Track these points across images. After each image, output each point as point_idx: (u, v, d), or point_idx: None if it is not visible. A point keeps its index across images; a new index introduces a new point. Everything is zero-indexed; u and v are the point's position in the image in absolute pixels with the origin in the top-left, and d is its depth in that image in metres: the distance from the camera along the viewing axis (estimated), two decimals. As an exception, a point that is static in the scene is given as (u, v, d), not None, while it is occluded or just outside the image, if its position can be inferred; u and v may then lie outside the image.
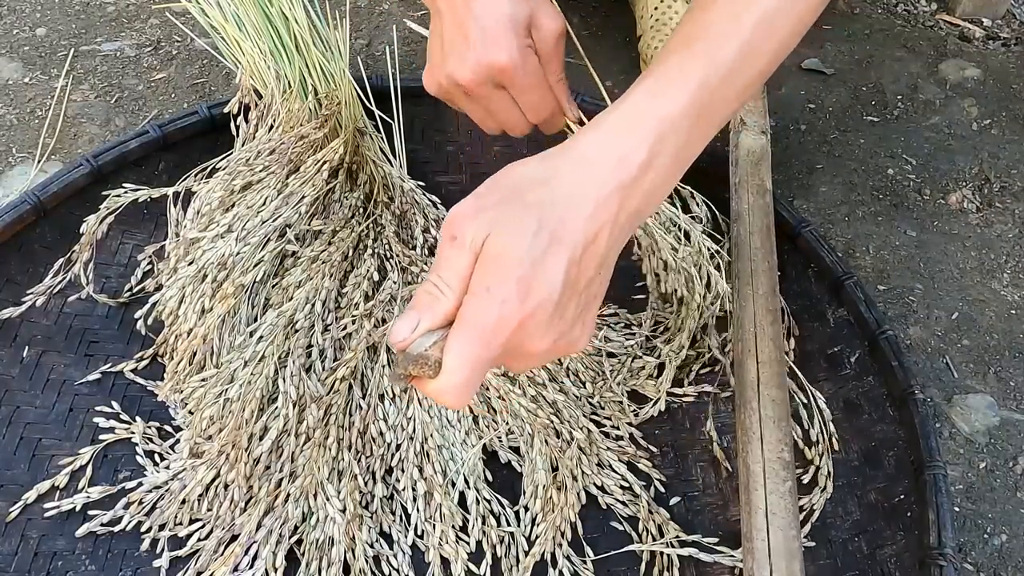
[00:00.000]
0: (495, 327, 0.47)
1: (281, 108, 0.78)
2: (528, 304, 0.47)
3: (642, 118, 0.51)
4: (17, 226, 0.75)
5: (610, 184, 0.49)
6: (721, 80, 0.52)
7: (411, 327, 0.48)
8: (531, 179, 0.50)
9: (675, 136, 0.51)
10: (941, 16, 1.20)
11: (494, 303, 0.46)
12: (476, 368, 0.47)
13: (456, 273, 0.48)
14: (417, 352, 0.47)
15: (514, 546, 0.67)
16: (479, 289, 0.47)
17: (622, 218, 0.50)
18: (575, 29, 1.15)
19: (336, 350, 0.72)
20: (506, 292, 0.46)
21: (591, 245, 0.49)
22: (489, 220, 0.48)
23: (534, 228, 0.47)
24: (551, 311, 0.48)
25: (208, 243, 0.72)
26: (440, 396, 0.48)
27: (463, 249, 0.48)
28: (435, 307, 0.48)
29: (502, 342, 0.47)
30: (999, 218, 0.97)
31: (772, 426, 0.64)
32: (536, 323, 0.47)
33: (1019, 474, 0.78)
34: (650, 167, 0.50)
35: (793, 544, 0.59)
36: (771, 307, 0.70)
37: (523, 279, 0.46)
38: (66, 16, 1.11)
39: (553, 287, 0.47)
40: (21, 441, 0.70)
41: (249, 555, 0.64)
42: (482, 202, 0.49)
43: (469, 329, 0.47)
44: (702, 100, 0.51)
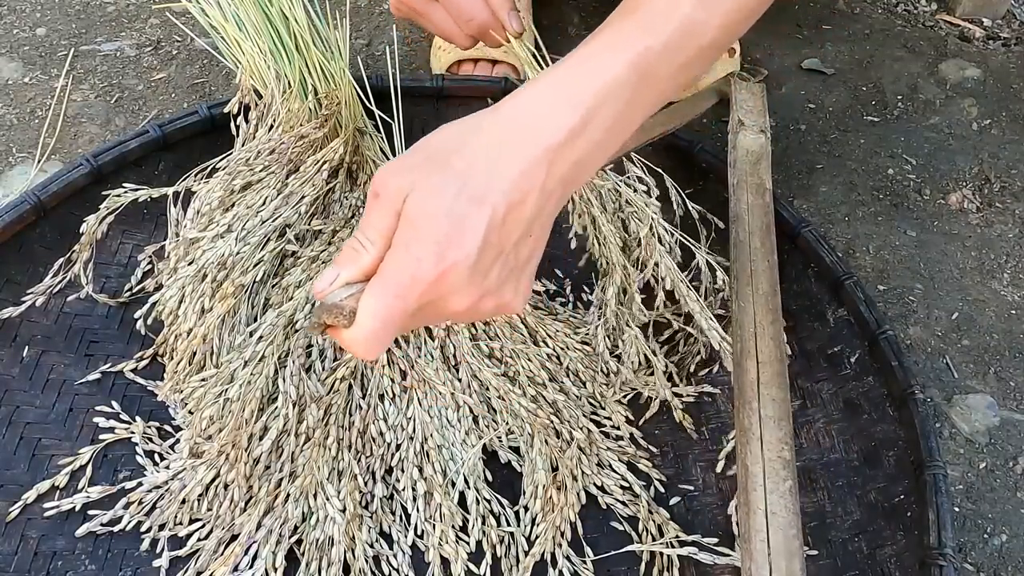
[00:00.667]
0: (410, 283, 0.47)
1: (281, 108, 0.78)
2: (444, 262, 0.47)
3: (576, 82, 0.50)
4: (17, 226, 0.75)
5: (538, 147, 0.49)
6: (661, 52, 0.51)
7: (331, 279, 0.49)
8: (458, 139, 0.50)
9: (611, 104, 0.50)
10: (941, 16, 1.20)
11: (410, 259, 0.47)
12: (388, 321, 0.48)
13: (378, 230, 0.48)
14: (332, 301, 0.48)
15: (514, 546, 0.67)
16: (399, 245, 0.48)
17: (551, 183, 0.50)
18: (575, 29, 1.15)
19: (336, 350, 0.72)
20: (423, 250, 0.47)
21: (515, 208, 0.48)
22: (412, 179, 0.48)
23: (455, 188, 0.47)
24: (469, 270, 0.48)
25: (208, 243, 0.72)
26: (351, 345, 0.49)
27: (385, 206, 0.48)
28: (356, 261, 0.49)
29: (416, 297, 0.48)
30: (999, 218, 0.97)
31: (772, 426, 0.63)
32: (452, 280, 0.48)
33: (1019, 474, 0.78)
34: (582, 133, 0.50)
35: (793, 544, 0.59)
36: (771, 307, 0.70)
37: (441, 238, 0.47)
38: (66, 16, 1.11)
39: (471, 247, 0.47)
40: (21, 441, 0.70)
41: (249, 555, 0.64)
42: (407, 161, 0.49)
43: (384, 283, 0.48)
44: (641, 70, 0.51)
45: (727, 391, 0.77)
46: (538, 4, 1.11)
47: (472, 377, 0.72)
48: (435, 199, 0.47)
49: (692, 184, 0.84)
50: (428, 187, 0.47)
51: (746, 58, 1.05)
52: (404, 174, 0.48)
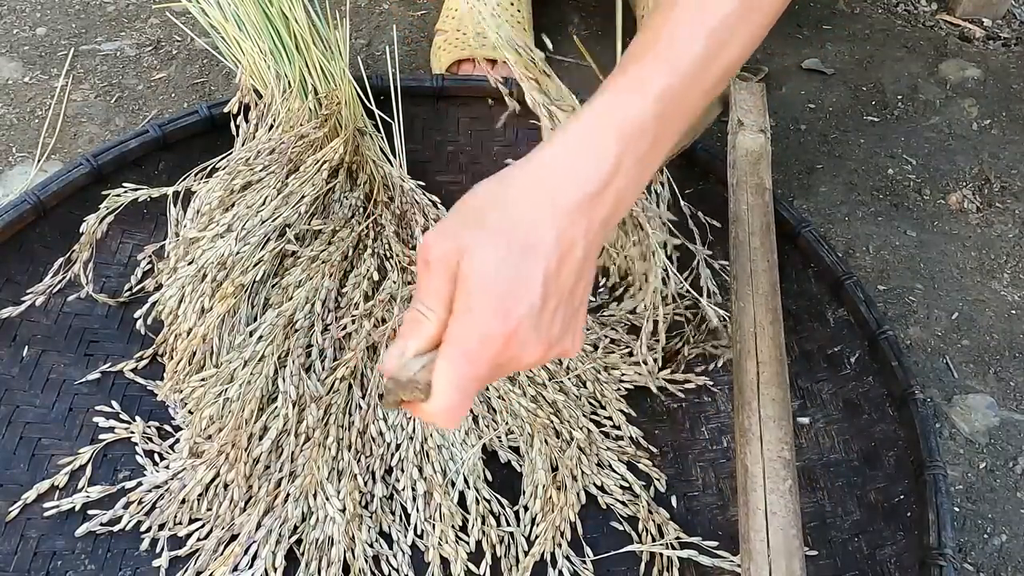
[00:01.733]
0: (480, 347, 0.47)
1: (281, 108, 0.78)
2: (510, 321, 0.47)
3: (606, 126, 0.51)
4: (17, 225, 0.75)
5: (577, 195, 0.49)
6: (682, 85, 0.51)
7: (399, 353, 0.49)
8: (496, 197, 0.50)
9: (640, 142, 0.51)
10: (941, 16, 1.20)
11: (476, 323, 0.47)
12: (465, 388, 0.48)
13: (436, 297, 0.48)
14: (406, 377, 0.48)
15: (514, 546, 0.67)
16: (461, 311, 0.48)
17: (594, 226, 0.50)
18: (575, 29, 1.15)
19: (336, 350, 0.72)
20: (486, 311, 0.47)
21: (566, 256, 0.49)
22: (460, 243, 0.48)
23: (504, 245, 0.48)
24: (534, 324, 0.48)
25: (208, 243, 0.72)
26: (433, 418, 0.49)
27: (439, 273, 0.48)
28: (419, 331, 0.49)
29: (488, 360, 0.48)
30: (999, 218, 0.97)
31: (772, 426, 0.63)
32: (521, 338, 0.48)
33: (1019, 474, 0.78)
34: (616, 174, 0.50)
35: (793, 544, 0.59)
36: (771, 307, 0.70)
37: (501, 296, 0.47)
38: (66, 16, 1.11)
39: (532, 301, 0.48)
40: (21, 440, 0.70)
41: (249, 555, 0.64)
42: (451, 225, 0.49)
43: (455, 351, 0.48)
44: (664, 105, 0.51)
45: (727, 391, 0.77)
46: (538, 4, 1.11)
47: (472, 377, 0.72)
48: (488, 258, 0.47)
49: (692, 184, 0.84)
50: (478, 248, 0.47)
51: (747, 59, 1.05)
52: (450, 238, 0.48)
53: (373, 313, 0.73)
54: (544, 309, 0.48)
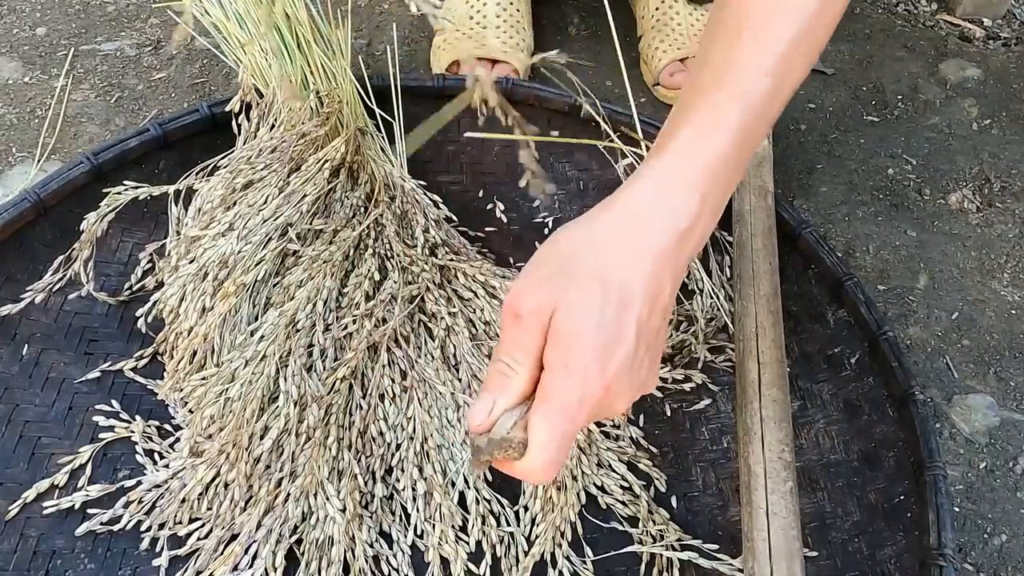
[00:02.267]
0: (579, 403, 0.47)
1: (282, 107, 0.78)
2: (608, 374, 0.47)
3: (688, 167, 0.50)
4: (17, 224, 0.75)
5: (667, 238, 0.49)
6: (757, 116, 0.52)
7: (487, 410, 0.49)
8: (583, 245, 0.50)
9: (721, 178, 0.51)
10: (941, 16, 1.20)
11: (575, 379, 0.47)
12: (563, 443, 0.48)
13: (525, 351, 0.48)
14: (500, 436, 0.48)
15: (514, 546, 0.67)
16: (557, 367, 0.47)
17: (680, 267, 0.51)
18: (575, 29, 1.15)
19: (337, 350, 0.72)
20: (585, 367, 0.47)
21: (657, 300, 0.49)
22: (551, 294, 0.47)
23: (600, 297, 0.47)
24: (629, 373, 0.48)
25: (209, 241, 0.72)
26: (530, 475, 0.49)
27: (529, 327, 0.48)
28: (508, 387, 0.49)
29: (586, 414, 0.48)
30: (999, 218, 0.97)
31: (773, 427, 0.64)
32: (618, 388, 0.48)
33: (1019, 474, 0.78)
34: (703, 213, 0.50)
35: (794, 544, 0.59)
36: (772, 308, 0.70)
37: (599, 351, 0.47)
38: (66, 15, 1.11)
39: (627, 351, 0.48)
40: (20, 439, 0.70)
41: (249, 554, 0.64)
42: (540, 276, 0.49)
43: (554, 407, 0.47)
44: (742, 138, 0.51)
45: (727, 391, 0.77)
46: (538, 3, 1.11)
47: (472, 377, 0.72)
48: (583, 313, 0.47)
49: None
50: (572, 302, 0.47)
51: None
52: (540, 292, 0.48)
53: (374, 313, 0.73)
54: (636, 355, 0.48)
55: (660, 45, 1.03)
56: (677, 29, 1.03)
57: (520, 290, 0.49)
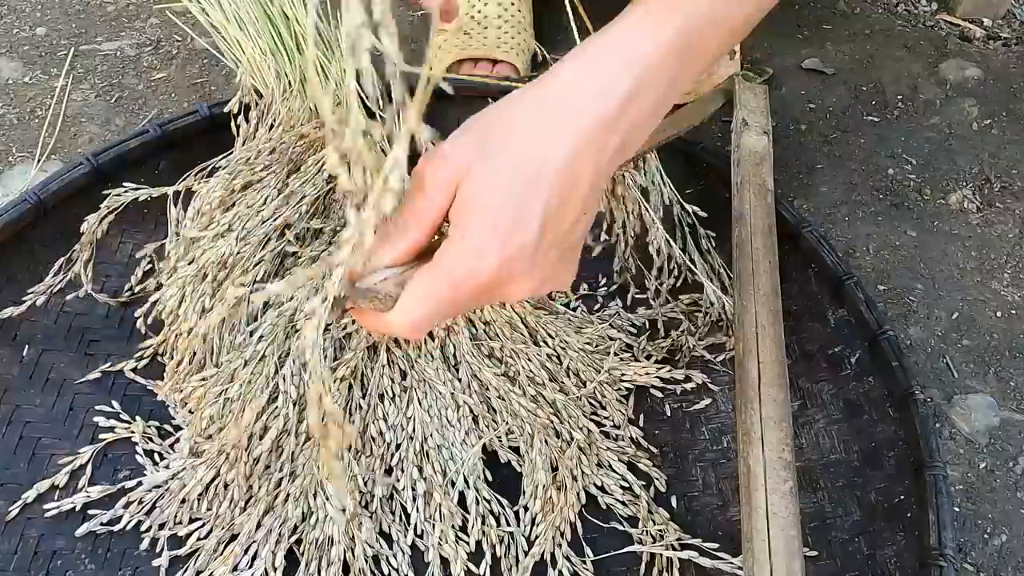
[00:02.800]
0: (467, 274, 0.45)
1: (282, 107, 0.78)
2: (505, 252, 0.45)
3: (626, 48, 0.48)
4: (17, 225, 0.75)
5: (590, 118, 0.47)
6: (706, 19, 0.50)
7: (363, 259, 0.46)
8: (504, 118, 0.48)
9: (660, 70, 0.48)
10: (941, 16, 1.20)
11: (470, 250, 0.45)
12: (437, 310, 0.46)
13: (426, 213, 0.46)
14: (368, 285, 0.47)
15: (514, 546, 0.67)
16: (454, 236, 0.46)
17: (605, 155, 0.48)
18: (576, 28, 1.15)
19: (336, 349, 0.72)
20: (482, 240, 0.45)
21: (573, 186, 0.46)
22: (464, 162, 0.46)
23: (508, 173, 0.45)
24: (531, 256, 0.46)
25: (208, 242, 0.72)
26: (389, 327, 0.47)
27: (434, 193, 0.46)
28: (398, 243, 0.47)
29: (471, 290, 0.46)
30: (999, 218, 0.97)
31: (773, 426, 0.63)
32: (513, 271, 0.46)
33: (1019, 474, 0.78)
34: (635, 99, 0.48)
35: (794, 544, 0.59)
36: (772, 307, 0.70)
37: (500, 226, 0.45)
38: (66, 15, 1.11)
39: (531, 232, 0.45)
40: (21, 440, 0.70)
41: (249, 554, 0.64)
42: (457, 144, 0.47)
43: (439, 272, 0.46)
44: (687, 36, 0.49)
45: (727, 391, 0.77)
46: (538, 3, 1.11)
47: (472, 377, 0.72)
48: (490, 184, 0.45)
49: (692, 184, 0.84)
50: (481, 172, 0.45)
51: (746, 58, 1.05)
52: (450, 160, 0.46)
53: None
54: (540, 243, 0.46)
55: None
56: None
57: (431, 156, 0.47)
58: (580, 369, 0.75)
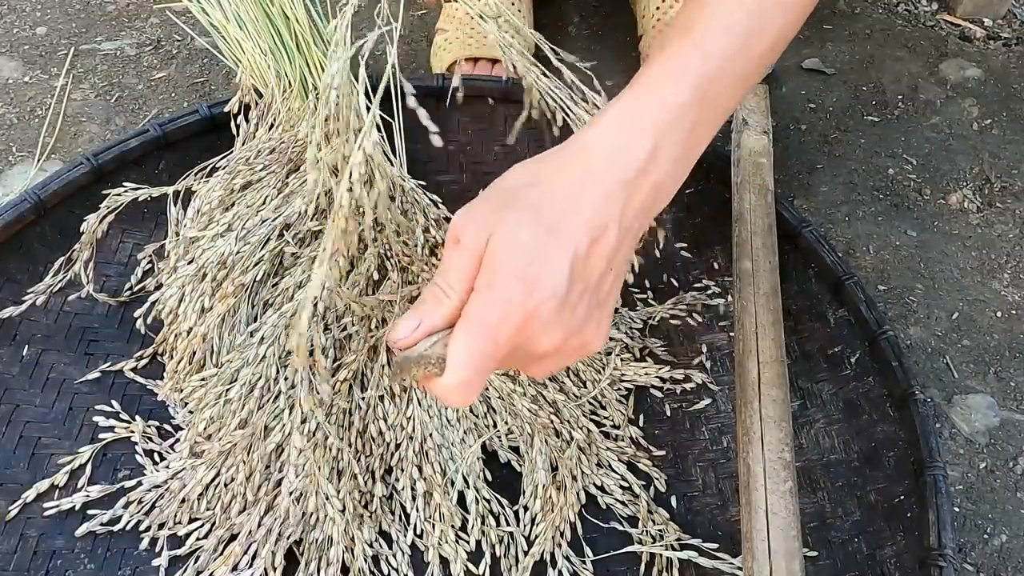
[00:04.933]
0: (499, 321, 0.46)
1: (281, 107, 0.78)
2: (532, 299, 0.46)
3: (644, 109, 0.50)
4: (17, 225, 0.75)
5: (614, 178, 0.48)
6: (721, 70, 0.51)
7: (412, 327, 0.48)
8: (530, 178, 0.49)
9: (679, 127, 0.50)
10: (942, 16, 1.20)
11: (497, 299, 0.46)
12: (481, 364, 0.47)
13: (460, 275, 0.48)
14: (418, 353, 0.47)
15: (513, 546, 0.67)
16: (482, 285, 0.47)
17: (629, 215, 0.49)
18: (575, 29, 1.15)
19: (336, 349, 0.72)
20: (509, 287, 0.46)
21: (597, 241, 0.48)
22: (490, 221, 0.47)
23: (533, 222, 0.47)
24: (557, 306, 0.47)
25: (208, 242, 0.72)
26: (446, 394, 0.48)
27: (466, 251, 0.47)
28: (438, 308, 0.48)
29: (507, 338, 0.47)
30: (1000, 218, 0.97)
31: (773, 426, 0.63)
32: (542, 319, 0.47)
33: (1019, 474, 0.78)
34: (655, 159, 0.49)
35: (793, 544, 0.59)
36: (772, 307, 0.70)
37: (526, 274, 0.46)
38: (66, 15, 1.11)
39: (557, 282, 0.46)
40: (20, 440, 0.70)
41: (248, 554, 0.64)
42: (483, 205, 0.49)
43: (472, 325, 0.46)
44: (702, 91, 0.51)
45: (727, 391, 0.77)
46: (538, 4, 1.11)
47: (472, 377, 0.72)
48: (515, 235, 0.47)
49: (692, 184, 0.84)
50: (507, 228, 0.47)
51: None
52: (481, 217, 0.48)
53: (373, 313, 0.73)
54: (569, 293, 0.47)
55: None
56: (677, 29, 1.03)
57: (464, 216, 0.49)
58: (580, 369, 0.75)
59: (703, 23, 0.52)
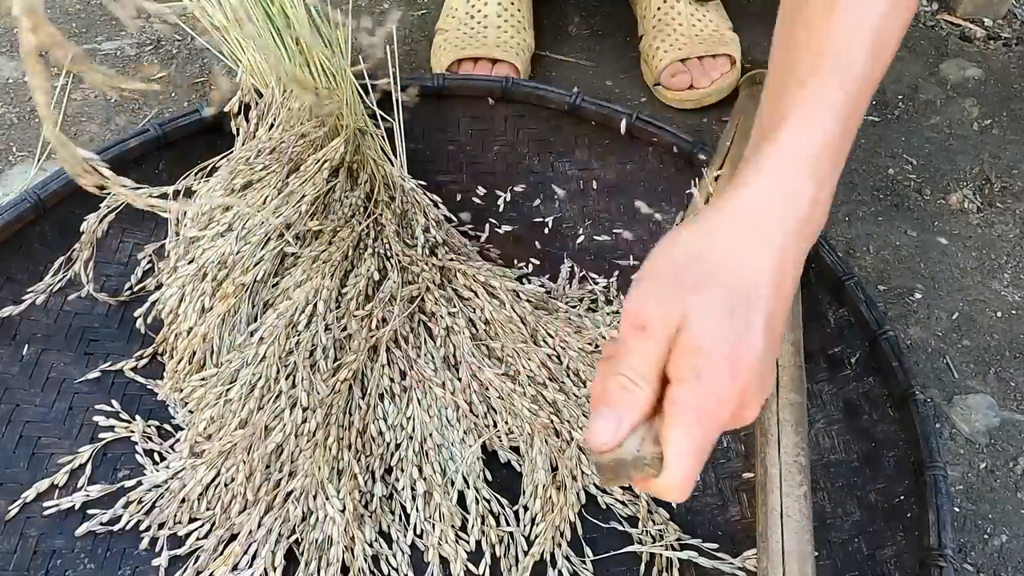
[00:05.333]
0: (715, 410, 0.45)
1: (281, 107, 0.78)
2: (740, 379, 0.45)
3: (801, 154, 0.49)
4: (17, 224, 0.75)
5: (787, 228, 0.48)
6: (859, 93, 0.51)
7: (612, 429, 0.46)
8: (701, 247, 0.48)
9: (832, 160, 0.50)
10: (942, 16, 1.20)
11: (708, 387, 0.45)
12: (700, 455, 0.46)
13: (649, 364, 0.46)
14: (634, 456, 0.45)
15: (513, 546, 0.67)
16: (688, 377, 0.45)
17: (800, 255, 0.49)
18: (575, 29, 1.15)
19: (336, 350, 0.72)
20: (718, 374, 0.45)
21: (780, 294, 0.48)
22: (675, 302, 0.46)
23: (727, 301, 0.46)
24: (760, 374, 0.47)
25: (208, 242, 0.72)
26: (668, 492, 0.47)
27: (655, 338, 0.46)
28: (632, 403, 0.46)
29: (724, 422, 0.46)
30: (1000, 218, 0.97)
31: (789, 430, 0.64)
32: (750, 392, 0.46)
33: (1019, 474, 0.78)
34: (819, 197, 0.49)
35: (806, 548, 0.59)
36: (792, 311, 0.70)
37: (730, 357, 0.45)
38: (67, 15, 1.11)
39: (757, 352, 0.46)
40: (20, 439, 0.70)
41: (248, 554, 0.64)
42: (660, 284, 0.47)
43: (689, 417, 0.45)
44: (847, 117, 0.50)
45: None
46: (538, 3, 1.11)
47: (472, 377, 0.72)
48: (712, 321, 0.45)
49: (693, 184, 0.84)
50: (699, 309, 0.45)
51: (747, 58, 1.05)
52: (664, 301, 0.46)
53: (373, 313, 0.73)
54: (766, 355, 0.47)
55: (661, 45, 1.03)
56: (679, 29, 1.03)
57: (642, 300, 0.47)
58: (580, 369, 0.75)
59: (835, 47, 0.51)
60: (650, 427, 0.46)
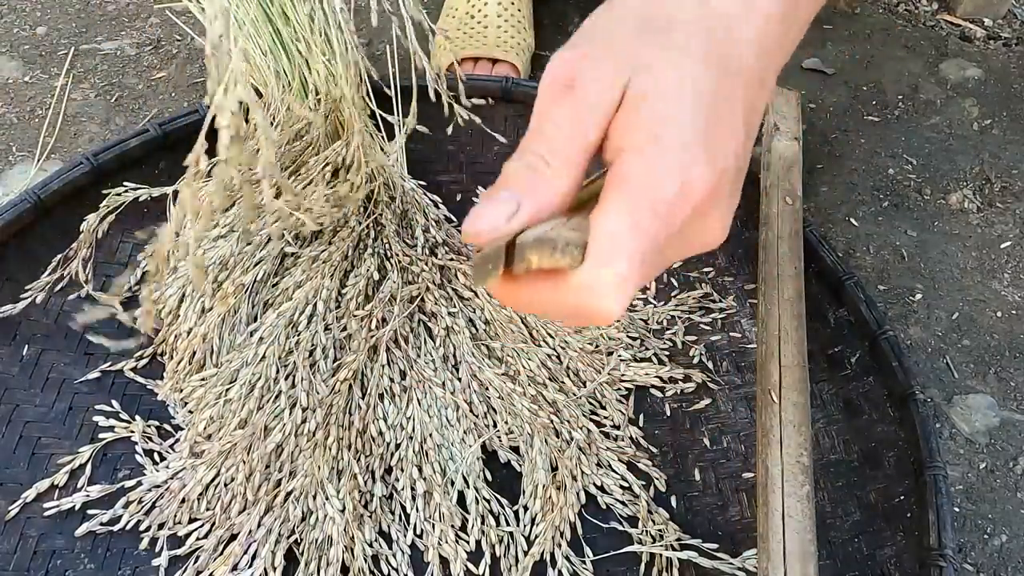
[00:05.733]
0: (676, 196, 0.32)
1: (281, 107, 0.78)
2: (718, 161, 0.32)
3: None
4: (17, 224, 0.75)
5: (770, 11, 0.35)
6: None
7: (507, 213, 0.32)
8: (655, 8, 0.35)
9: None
10: (942, 16, 1.20)
11: (671, 158, 0.32)
12: (645, 254, 0.32)
13: (570, 137, 0.33)
14: (535, 236, 0.31)
15: (513, 546, 0.67)
16: (643, 145, 0.32)
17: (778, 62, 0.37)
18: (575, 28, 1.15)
19: (336, 349, 0.72)
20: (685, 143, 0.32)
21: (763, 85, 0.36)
22: (624, 58, 0.33)
23: (702, 54, 0.33)
24: (735, 172, 0.34)
25: (208, 242, 0.72)
26: (588, 295, 0.32)
27: (585, 103, 0.33)
28: (541, 186, 0.33)
29: (682, 219, 0.32)
30: (1000, 218, 0.97)
31: (792, 430, 0.64)
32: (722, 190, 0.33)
33: (1019, 474, 0.78)
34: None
35: (809, 548, 0.59)
36: (796, 312, 0.70)
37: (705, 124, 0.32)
38: (66, 15, 1.11)
39: (738, 137, 0.34)
40: (20, 439, 0.70)
41: (248, 554, 0.64)
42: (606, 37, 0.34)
43: (639, 198, 0.31)
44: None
45: (728, 391, 0.77)
46: (538, 3, 1.11)
47: (472, 377, 0.72)
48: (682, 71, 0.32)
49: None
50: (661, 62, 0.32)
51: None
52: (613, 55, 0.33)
53: (373, 313, 0.73)
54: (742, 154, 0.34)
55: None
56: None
57: (575, 55, 0.34)
58: (580, 369, 0.75)
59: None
60: (565, 221, 0.33)
